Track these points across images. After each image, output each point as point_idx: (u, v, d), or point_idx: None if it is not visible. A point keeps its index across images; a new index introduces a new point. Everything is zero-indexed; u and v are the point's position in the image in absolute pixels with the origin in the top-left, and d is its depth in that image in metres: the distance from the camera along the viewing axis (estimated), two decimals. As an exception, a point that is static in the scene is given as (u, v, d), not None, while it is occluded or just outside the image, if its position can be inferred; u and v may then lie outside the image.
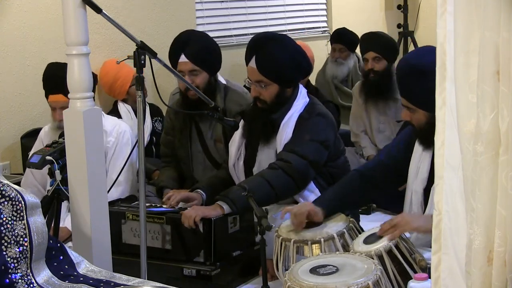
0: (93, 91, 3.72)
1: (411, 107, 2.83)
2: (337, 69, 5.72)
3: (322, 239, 2.81)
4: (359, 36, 5.18)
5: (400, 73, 2.92)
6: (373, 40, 4.80)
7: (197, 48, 3.74)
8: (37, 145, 3.78)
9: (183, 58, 3.72)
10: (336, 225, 2.89)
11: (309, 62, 3.48)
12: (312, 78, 5.88)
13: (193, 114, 3.80)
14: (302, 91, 3.49)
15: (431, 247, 1.82)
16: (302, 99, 3.45)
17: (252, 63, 3.38)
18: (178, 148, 3.87)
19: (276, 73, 3.35)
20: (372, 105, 4.82)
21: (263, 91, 3.39)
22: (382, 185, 3.09)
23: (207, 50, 3.77)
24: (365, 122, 4.88)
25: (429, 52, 2.77)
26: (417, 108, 2.81)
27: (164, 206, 3.40)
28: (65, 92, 2.84)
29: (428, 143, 2.80)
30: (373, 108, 4.83)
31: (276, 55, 3.34)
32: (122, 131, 3.69)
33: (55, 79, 3.60)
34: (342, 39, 5.73)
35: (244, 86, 3.99)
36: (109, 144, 3.64)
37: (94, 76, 3.80)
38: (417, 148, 2.92)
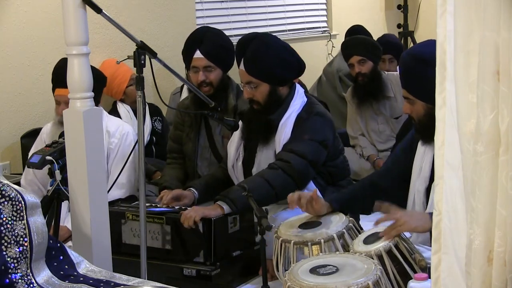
0: (101, 92, 3.75)
1: (411, 98, 2.86)
2: (344, 63, 5.72)
3: (322, 240, 2.80)
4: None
5: (402, 63, 2.96)
6: (355, 44, 4.82)
7: (212, 44, 3.78)
8: (38, 143, 3.78)
9: (198, 54, 3.77)
10: (335, 225, 2.89)
11: (299, 60, 3.47)
12: (310, 79, 5.89)
13: (193, 114, 3.81)
14: (300, 90, 3.49)
15: (430, 245, 1.82)
16: (299, 99, 3.45)
17: (241, 65, 3.40)
18: (185, 142, 3.88)
19: (262, 71, 3.35)
20: (367, 108, 4.85)
21: (254, 92, 3.39)
22: (391, 192, 3.10)
23: (221, 47, 3.80)
24: (361, 126, 4.90)
25: (431, 44, 2.83)
26: (415, 98, 2.84)
27: (164, 206, 3.40)
28: None
29: (428, 137, 2.82)
30: (368, 110, 4.85)
31: (259, 53, 3.35)
32: (126, 133, 3.70)
33: (64, 73, 3.61)
34: (354, 34, 5.72)
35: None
36: (112, 146, 3.64)
37: (104, 78, 3.82)
38: (420, 147, 2.93)
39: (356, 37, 5.06)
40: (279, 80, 3.40)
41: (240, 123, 3.54)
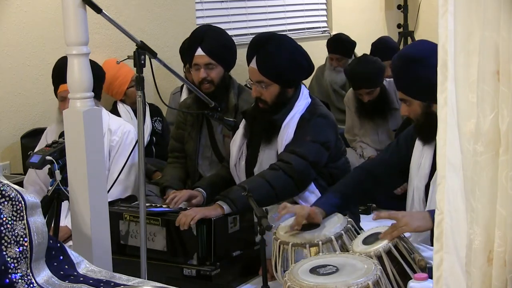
0: (101, 87, 3.75)
1: (407, 98, 2.88)
2: (336, 76, 5.72)
3: (320, 242, 2.80)
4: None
5: (394, 67, 2.98)
6: (363, 78, 4.64)
7: (214, 42, 3.78)
8: (42, 144, 3.77)
9: (199, 52, 3.76)
10: (333, 227, 2.88)
11: (310, 62, 3.49)
12: (310, 80, 5.88)
13: (193, 114, 3.81)
14: (304, 91, 3.49)
15: (431, 244, 1.82)
16: (303, 99, 3.45)
17: (253, 63, 3.39)
18: (187, 141, 3.89)
19: (276, 73, 3.35)
20: (369, 121, 4.80)
21: (264, 91, 3.39)
22: (385, 182, 3.10)
23: (223, 45, 3.81)
24: (360, 132, 4.87)
25: (421, 43, 2.96)
26: (411, 98, 2.86)
27: (164, 206, 3.40)
28: None
29: (427, 137, 2.83)
30: (370, 124, 4.80)
31: (276, 55, 3.34)
32: (127, 131, 3.71)
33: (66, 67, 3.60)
34: (338, 48, 5.70)
35: (245, 85, 4.00)
36: (113, 143, 3.65)
37: (103, 73, 3.82)
38: (418, 145, 2.94)
39: (363, 71, 4.68)
40: (289, 82, 3.40)
41: (243, 121, 3.54)
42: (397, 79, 2.95)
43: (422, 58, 2.75)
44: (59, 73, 3.68)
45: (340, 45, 5.69)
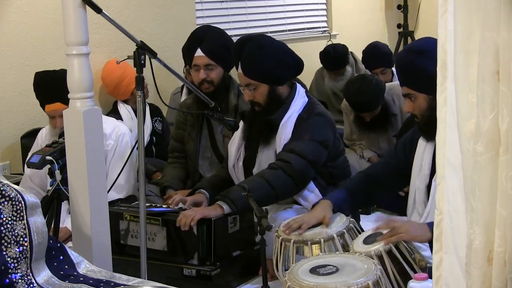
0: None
1: (412, 92, 2.87)
2: (336, 83, 5.71)
3: (322, 240, 2.81)
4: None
5: (399, 61, 2.99)
6: (364, 106, 4.57)
7: (213, 43, 3.78)
8: (35, 147, 3.76)
9: (199, 52, 3.77)
10: (336, 226, 2.90)
11: (296, 58, 3.46)
12: (310, 79, 5.88)
13: (194, 114, 3.81)
14: (300, 90, 3.49)
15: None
16: (300, 98, 3.45)
17: (239, 68, 3.40)
18: (187, 141, 3.89)
19: (258, 72, 3.36)
20: (369, 132, 4.76)
21: (254, 93, 3.40)
22: (385, 185, 3.11)
23: (223, 46, 3.81)
24: (359, 139, 4.85)
25: (427, 38, 3.00)
26: (416, 92, 2.85)
27: (164, 206, 3.40)
28: (63, 99, 2.81)
29: (432, 133, 2.82)
30: (370, 133, 4.77)
31: (254, 54, 3.35)
32: (122, 134, 3.68)
33: (49, 88, 3.54)
34: (332, 66, 5.68)
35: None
36: (109, 147, 3.61)
37: None
38: (421, 144, 2.94)
39: (365, 100, 4.55)
40: (276, 80, 3.40)
41: (242, 123, 3.54)
42: (403, 73, 2.95)
43: (427, 50, 2.76)
44: (42, 92, 3.61)
45: (332, 62, 5.65)
